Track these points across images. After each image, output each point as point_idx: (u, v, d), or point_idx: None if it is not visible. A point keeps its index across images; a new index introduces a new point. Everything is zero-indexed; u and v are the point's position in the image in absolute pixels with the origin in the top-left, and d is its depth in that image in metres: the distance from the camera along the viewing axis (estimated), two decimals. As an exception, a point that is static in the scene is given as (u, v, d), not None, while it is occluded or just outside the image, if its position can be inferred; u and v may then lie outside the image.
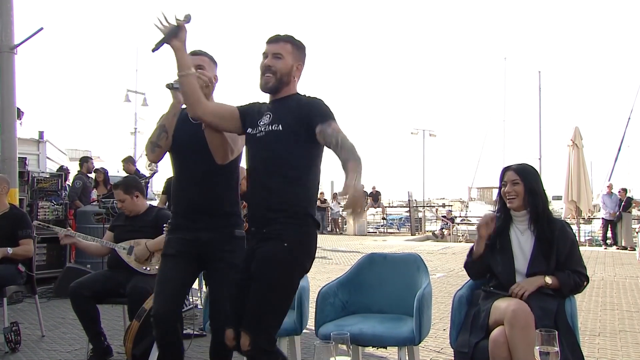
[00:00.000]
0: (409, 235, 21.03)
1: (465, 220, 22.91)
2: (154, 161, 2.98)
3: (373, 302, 3.49)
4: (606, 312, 6.29)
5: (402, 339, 3.02)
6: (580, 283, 2.90)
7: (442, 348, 4.58)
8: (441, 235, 20.70)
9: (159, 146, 2.89)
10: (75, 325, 5.30)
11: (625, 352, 4.62)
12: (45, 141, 12.00)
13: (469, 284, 3.16)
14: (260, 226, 2.57)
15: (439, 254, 12.97)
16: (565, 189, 15.77)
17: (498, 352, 2.67)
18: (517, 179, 2.98)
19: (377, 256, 3.66)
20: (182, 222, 2.99)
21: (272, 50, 2.63)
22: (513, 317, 2.66)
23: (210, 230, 2.94)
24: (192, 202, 2.97)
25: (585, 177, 15.71)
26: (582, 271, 2.92)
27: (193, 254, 2.94)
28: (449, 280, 8.52)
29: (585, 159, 15.85)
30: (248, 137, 2.67)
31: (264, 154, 2.60)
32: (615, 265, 10.76)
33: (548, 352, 1.97)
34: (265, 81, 2.61)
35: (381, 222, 24.12)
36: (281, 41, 2.64)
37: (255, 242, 2.58)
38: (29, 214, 6.35)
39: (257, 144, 2.62)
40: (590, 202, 16.69)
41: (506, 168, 3.07)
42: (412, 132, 30.34)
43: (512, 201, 2.98)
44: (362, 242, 16.01)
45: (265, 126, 2.59)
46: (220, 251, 2.93)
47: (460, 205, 32.41)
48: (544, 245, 2.91)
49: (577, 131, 15.62)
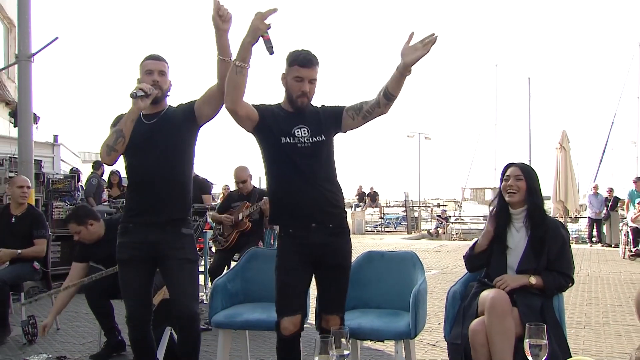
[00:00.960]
0: (405, 233, 21.05)
1: (459, 220, 22.92)
2: (108, 164, 2.94)
3: (371, 297, 3.49)
4: (591, 306, 6.30)
5: (398, 333, 3.03)
6: (564, 285, 2.88)
7: (437, 341, 4.59)
8: (436, 233, 20.72)
9: (115, 150, 2.84)
10: (87, 319, 5.32)
11: (608, 344, 4.63)
12: (59, 144, 12.00)
13: (462, 279, 3.17)
14: (323, 222, 2.78)
15: (434, 252, 12.97)
16: (553, 190, 15.77)
17: (476, 339, 2.67)
18: (521, 175, 2.95)
19: (375, 254, 3.66)
20: (131, 224, 2.97)
21: (309, 76, 2.72)
22: (491, 306, 2.66)
23: (158, 231, 2.91)
24: (144, 204, 2.94)
25: (572, 178, 15.73)
26: (568, 273, 2.89)
27: (145, 255, 2.93)
28: (444, 276, 8.53)
29: (572, 161, 15.88)
30: (284, 145, 2.73)
31: (311, 162, 2.75)
32: (600, 261, 10.77)
33: (537, 345, 1.98)
34: (302, 102, 2.74)
35: (379, 221, 24.12)
36: (315, 65, 2.73)
37: (323, 235, 2.77)
38: (44, 213, 6.36)
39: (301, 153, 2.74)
40: (576, 202, 16.71)
41: (510, 164, 3.04)
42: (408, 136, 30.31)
43: (513, 196, 2.94)
44: (360, 241, 15.99)
45: (306, 138, 2.74)
46: (170, 249, 2.92)
47: (454, 205, 32.41)
48: (536, 244, 2.90)
49: (564, 135, 15.62)
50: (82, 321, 5.41)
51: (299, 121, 2.77)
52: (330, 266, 2.83)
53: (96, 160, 10.95)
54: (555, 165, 15.64)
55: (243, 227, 5.61)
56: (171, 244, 2.92)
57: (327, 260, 2.81)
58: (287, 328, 2.71)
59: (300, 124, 2.76)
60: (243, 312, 3.38)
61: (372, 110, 2.72)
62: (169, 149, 2.94)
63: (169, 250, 2.92)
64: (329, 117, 2.82)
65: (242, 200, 5.72)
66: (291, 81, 2.73)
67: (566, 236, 2.98)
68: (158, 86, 2.92)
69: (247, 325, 3.37)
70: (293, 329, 2.72)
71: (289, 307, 2.73)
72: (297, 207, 2.76)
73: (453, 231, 20.94)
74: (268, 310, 3.37)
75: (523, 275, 2.86)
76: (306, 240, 2.76)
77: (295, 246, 2.77)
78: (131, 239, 2.94)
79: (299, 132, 2.75)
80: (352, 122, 2.81)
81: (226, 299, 3.53)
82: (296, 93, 2.73)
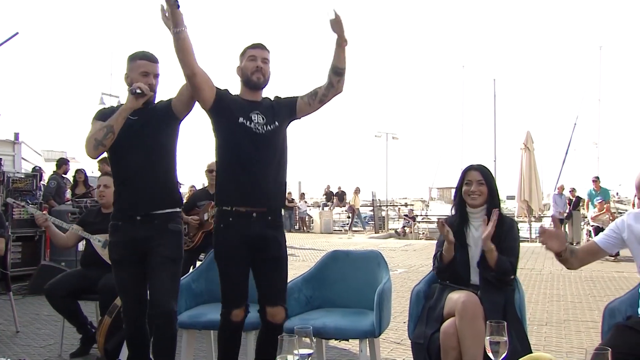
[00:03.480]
0: (373, 233, 21.14)
1: (426, 219, 23.11)
2: (92, 157, 2.91)
3: (336, 297, 3.50)
4: (553, 303, 6.44)
5: (362, 332, 3.04)
6: (509, 270, 2.87)
7: (402, 340, 4.63)
8: (403, 233, 20.85)
9: (104, 145, 2.82)
10: (49, 321, 5.22)
11: (568, 339, 4.74)
12: (20, 142, 11.74)
13: (426, 279, 3.19)
14: (264, 212, 2.86)
15: (401, 251, 13.07)
16: (518, 189, 16.07)
17: (448, 342, 2.70)
18: (482, 180, 3.00)
19: (340, 253, 3.68)
20: (120, 222, 2.97)
21: (261, 55, 2.90)
22: (462, 309, 2.70)
23: (146, 227, 2.91)
24: (131, 200, 2.94)
25: (536, 178, 16.03)
26: (513, 263, 2.93)
27: (134, 254, 2.93)
28: (410, 275, 8.61)
29: (536, 161, 16.15)
30: (240, 125, 2.81)
31: (265, 150, 2.86)
32: (563, 260, 10.97)
33: (497, 342, 2.02)
34: (258, 78, 2.88)
35: (347, 221, 24.19)
36: (265, 49, 2.92)
37: (261, 227, 2.85)
38: (4, 213, 6.20)
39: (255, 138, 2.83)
40: (540, 201, 17.04)
41: (469, 167, 3.08)
42: (376, 135, 30.41)
43: (476, 199, 2.99)
44: (328, 240, 16.04)
45: (261, 125, 2.85)
46: (156, 246, 2.91)
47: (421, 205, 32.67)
48: (494, 240, 2.95)
49: (528, 135, 15.92)
50: (43, 323, 5.28)
51: (256, 107, 2.90)
52: (270, 258, 2.91)
53: (60, 158, 10.74)
54: (520, 165, 15.92)
55: (208, 227, 5.56)
56: (156, 240, 2.92)
57: (268, 252, 2.89)
58: (239, 315, 2.87)
59: (257, 110, 2.89)
60: (207, 312, 3.35)
61: (327, 92, 2.91)
62: (156, 144, 2.94)
63: (154, 246, 2.92)
64: (283, 107, 2.96)
65: (207, 199, 5.66)
66: (245, 62, 2.90)
67: (517, 234, 3.07)
68: (153, 89, 2.93)
69: (211, 325, 3.33)
70: (242, 316, 2.89)
71: (238, 299, 2.88)
72: (242, 195, 2.82)
73: (420, 230, 21.12)
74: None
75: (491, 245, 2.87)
76: (247, 232, 2.83)
77: (236, 237, 2.83)
78: (121, 238, 2.95)
79: (256, 117, 2.86)
80: (309, 107, 2.97)
81: (190, 299, 3.51)
82: (251, 70, 2.86)
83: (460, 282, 2.96)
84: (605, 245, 2.57)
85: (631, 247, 2.52)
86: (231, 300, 2.89)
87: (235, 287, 2.89)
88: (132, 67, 2.93)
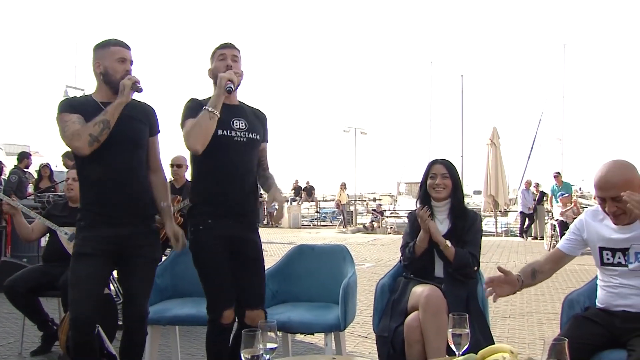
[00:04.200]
0: (341, 227, 21.22)
1: (394, 213, 23.33)
2: (85, 154, 2.69)
3: (302, 291, 3.51)
4: (516, 296, 6.44)
5: (328, 326, 3.06)
6: (470, 263, 2.94)
7: (369, 333, 4.65)
8: (371, 227, 21.01)
9: (99, 141, 2.67)
10: (8, 319, 5.11)
11: (530, 331, 4.85)
12: (-20, 136, 11.43)
13: (391, 273, 3.22)
14: (244, 216, 2.87)
15: (369, 245, 13.17)
16: (484, 184, 16.33)
17: (412, 335, 2.74)
18: (447, 173, 3.05)
19: (306, 247, 3.69)
20: (100, 218, 2.79)
21: (230, 53, 2.84)
22: (426, 303, 2.74)
23: (131, 225, 2.80)
24: (114, 197, 2.80)
25: (502, 173, 16.30)
26: (475, 254, 2.98)
27: (112, 251, 2.79)
28: (377, 269, 8.67)
29: (502, 156, 16.45)
30: (219, 137, 2.74)
31: (245, 157, 2.85)
32: (527, 253, 11.23)
33: (459, 334, 2.05)
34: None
35: (315, 215, 24.24)
36: (235, 47, 2.88)
37: (241, 230, 2.84)
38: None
39: (236, 147, 2.80)
40: (506, 196, 17.36)
41: (434, 161, 3.13)
42: (344, 130, 30.34)
43: (440, 192, 3.04)
44: (296, 235, 16.05)
45: (243, 132, 2.82)
46: (139, 247, 2.82)
47: (389, 199, 32.94)
48: (457, 232, 3.01)
49: (495, 131, 16.17)
50: (2, 321, 5.17)
51: (237, 114, 2.84)
52: (249, 259, 2.88)
53: (21, 152, 10.51)
54: (486, 160, 16.18)
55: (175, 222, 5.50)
56: (141, 240, 2.82)
57: (246, 254, 2.87)
58: (230, 316, 2.79)
59: (238, 116, 2.83)
60: (172, 307, 3.33)
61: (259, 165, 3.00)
62: (139, 141, 2.86)
63: (138, 247, 2.81)
64: (260, 127, 2.94)
65: (173, 193, 5.59)
66: (216, 63, 2.84)
67: (480, 227, 3.13)
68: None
69: (177, 320, 3.32)
70: (233, 317, 2.81)
71: (227, 300, 2.80)
72: (221, 198, 2.78)
73: (388, 225, 21.29)
74: (198, 305, 3.33)
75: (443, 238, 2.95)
76: (226, 233, 2.78)
77: (215, 239, 2.77)
78: (100, 233, 2.75)
79: (237, 123, 2.81)
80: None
81: (155, 294, 3.44)
82: (221, 69, 2.77)
83: (425, 275, 3.00)
84: (568, 249, 2.62)
85: (591, 246, 2.58)
86: (220, 303, 2.79)
87: (222, 288, 2.79)
88: (104, 53, 2.78)
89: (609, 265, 2.49)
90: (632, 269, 2.41)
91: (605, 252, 2.50)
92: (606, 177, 2.36)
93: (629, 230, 2.42)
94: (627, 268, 2.43)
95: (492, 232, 17.61)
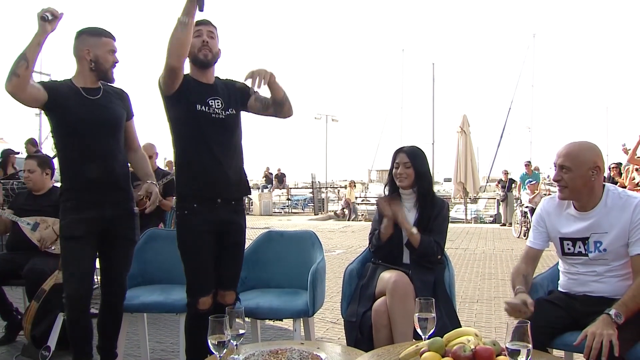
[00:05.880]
0: (312, 215, 21.28)
1: (365, 201, 23.45)
2: (11, 92, 2.65)
3: (271, 277, 3.52)
4: (484, 281, 6.69)
5: (296, 311, 3.07)
6: (434, 251, 2.97)
7: (338, 319, 4.69)
8: (342, 214, 21.08)
9: (17, 75, 2.62)
10: (-28, 308, 4.99)
11: (497, 315, 4.95)
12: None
13: (359, 258, 3.25)
14: (228, 198, 2.84)
15: (340, 232, 13.23)
16: (454, 172, 16.51)
17: (379, 320, 2.78)
18: (409, 163, 3.06)
19: (275, 234, 3.69)
20: (86, 200, 2.91)
21: (206, 28, 2.80)
22: (393, 288, 2.77)
23: (114, 207, 2.97)
24: (98, 179, 2.90)
25: (472, 161, 16.50)
26: (439, 243, 3.01)
27: (97, 233, 2.94)
28: (348, 256, 8.73)
29: (472, 144, 16.63)
30: (198, 113, 2.74)
31: (224, 134, 2.82)
32: (495, 239, 11.42)
33: (426, 318, 2.09)
34: (205, 55, 2.78)
35: (286, 203, 24.24)
36: (211, 24, 2.83)
37: (227, 212, 2.83)
38: None
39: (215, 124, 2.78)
40: (476, 183, 17.56)
41: (398, 150, 3.15)
42: (315, 117, 30.41)
43: (403, 181, 3.07)
44: (267, 222, 16.03)
45: (221, 110, 2.79)
46: (122, 228, 3.01)
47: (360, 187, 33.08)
48: (424, 221, 3.04)
49: (465, 119, 16.32)
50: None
51: (212, 92, 2.82)
52: (231, 243, 2.90)
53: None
54: (456, 148, 16.34)
55: (142, 206, 5.44)
56: (124, 223, 3.02)
57: (229, 238, 2.88)
58: (207, 302, 2.79)
59: (214, 95, 2.82)
60: (140, 295, 3.31)
61: (275, 114, 2.93)
62: (118, 124, 3.00)
63: (121, 228, 3.00)
64: (237, 93, 2.91)
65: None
66: (193, 40, 2.71)
67: (447, 215, 3.15)
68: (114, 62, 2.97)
69: (145, 307, 3.30)
70: (210, 303, 2.81)
71: (205, 288, 2.81)
72: (206, 180, 2.77)
73: (359, 212, 21.40)
74: (166, 292, 3.33)
75: (409, 225, 2.99)
76: (211, 217, 2.78)
77: (201, 223, 2.77)
78: (86, 215, 2.89)
79: (213, 102, 2.80)
80: (256, 111, 2.95)
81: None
82: (198, 47, 2.77)
83: (393, 261, 3.04)
84: (538, 245, 2.69)
85: (552, 236, 2.64)
86: (198, 289, 2.79)
87: (203, 275, 2.80)
88: (96, 42, 2.90)
89: (570, 255, 2.56)
90: (592, 258, 2.48)
91: (566, 242, 2.57)
92: (566, 147, 2.47)
93: (587, 217, 2.48)
94: (588, 257, 2.49)
95: (461, 219, 17.86)
